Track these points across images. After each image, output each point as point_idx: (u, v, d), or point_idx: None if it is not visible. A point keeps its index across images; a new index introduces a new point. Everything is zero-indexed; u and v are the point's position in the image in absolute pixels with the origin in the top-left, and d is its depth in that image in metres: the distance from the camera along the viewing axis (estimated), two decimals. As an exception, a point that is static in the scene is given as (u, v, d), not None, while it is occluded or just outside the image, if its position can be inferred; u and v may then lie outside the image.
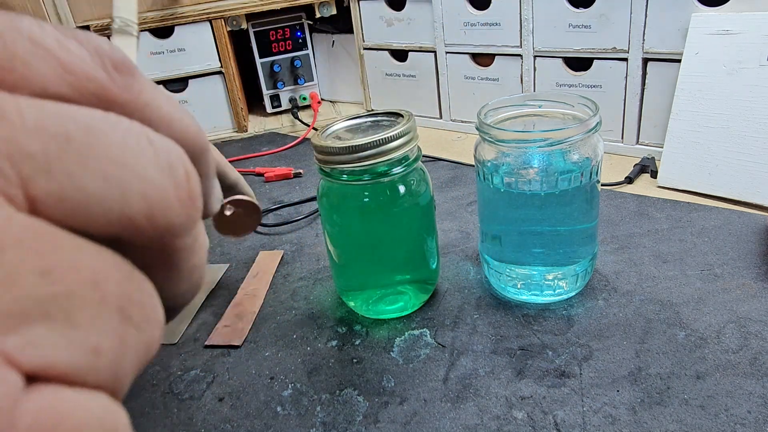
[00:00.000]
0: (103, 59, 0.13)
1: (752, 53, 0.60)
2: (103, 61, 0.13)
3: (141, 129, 0.13)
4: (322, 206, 0.46)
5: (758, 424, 0.35)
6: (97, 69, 0.13)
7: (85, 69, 0.12)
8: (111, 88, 0.13)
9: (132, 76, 0.13)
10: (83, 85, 0.12)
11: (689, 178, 0.64)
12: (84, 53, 0.12)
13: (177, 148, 0.13)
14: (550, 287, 0.47)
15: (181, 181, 0.13)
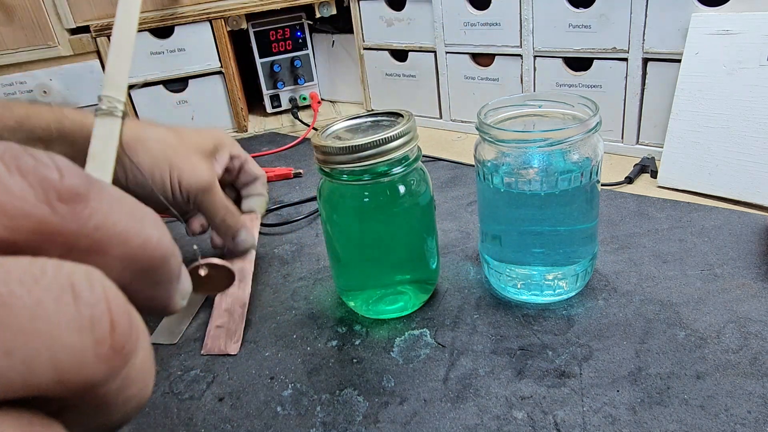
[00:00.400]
0: (47, 193, 0.13)
1: (752, 53, 0.60)
2: (47, 195, 0.13)
3: (66, 281, 0.12)
4: (322, 206, 0.46)
5: (758, 424, 0.35)
6: (38, 205, 0.12)
7: (24, 208, 0.12)
8: (51, 222, 0.13)
9: (82, 201, 0.13)
10: (20, 224, 0.12)
11: (689, 178, 0.64)
12: (26, 190, 0.12)
13: (108, 297, 0.13)
14: (550, 287, 0.47)
15: (103, 336, 0.12)
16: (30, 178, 0.13)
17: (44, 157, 0.13)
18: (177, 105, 0.99)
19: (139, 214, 0.15)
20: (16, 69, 0.89)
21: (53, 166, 0.13)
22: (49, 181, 0.13)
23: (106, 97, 0.23)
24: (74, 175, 0.13)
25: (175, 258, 0.16)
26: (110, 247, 0.14)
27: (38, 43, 0.88)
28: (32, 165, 0.13)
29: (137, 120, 0.48)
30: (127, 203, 0.15)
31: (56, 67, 0.91)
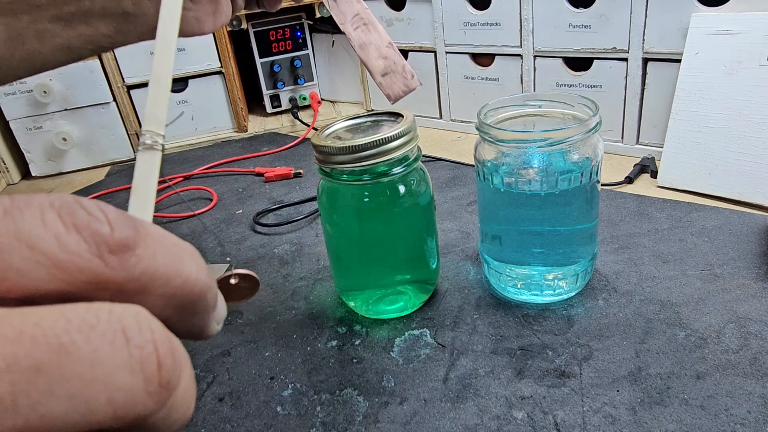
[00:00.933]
0: (99, 247, 0.14)
1: (752, 53, 0.60)
2: (99, 249, 0.14)
3: (118, 325, 0.13)
4: (322, 206, 0.46)
5: (758, 424, 0.35)
6: (92, 259, 0.14)
7: (79, 263, 0.14)
8: (104, 275, 0.14)
9: (130, 250, 0.14)
10: (75, 278, 0.14)
11: (689, 178, 0.64)
12: (81, 246, 0.14)
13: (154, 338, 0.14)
14: (550, 287, 0.47)
15: (152, 374, 0.14)
16: (84, 233, 0.14)
17: (96, 210, 0.14)
18: (177, 105, 0.99)
19: (179, 253, 0.16)
20: (16, 69, 0.89)
21: (104, 219, 0.14)
22: (101, 235, 0.14)
23: (147, 132, 0.24)
24: (123, 226, 0.15)
25: (212, 291, 0.18)
26: (154, 288, 0.15)
27: (38, 43, 0.88)
28: (86, 220, 0.14)
29: None
30: (169, 244, 0.16)
31: (56, 67, 0.90)
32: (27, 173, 0.98)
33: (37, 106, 0.92)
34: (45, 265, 0.13)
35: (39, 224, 0.13)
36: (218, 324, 0.19)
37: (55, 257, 0.13)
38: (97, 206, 0.15)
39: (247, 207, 0.74)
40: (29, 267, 0.13)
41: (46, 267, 0.13)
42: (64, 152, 0.96)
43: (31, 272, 0.13)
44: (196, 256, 0.17)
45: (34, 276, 0.13)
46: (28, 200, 0.14)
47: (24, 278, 0.13)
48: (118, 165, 0.99)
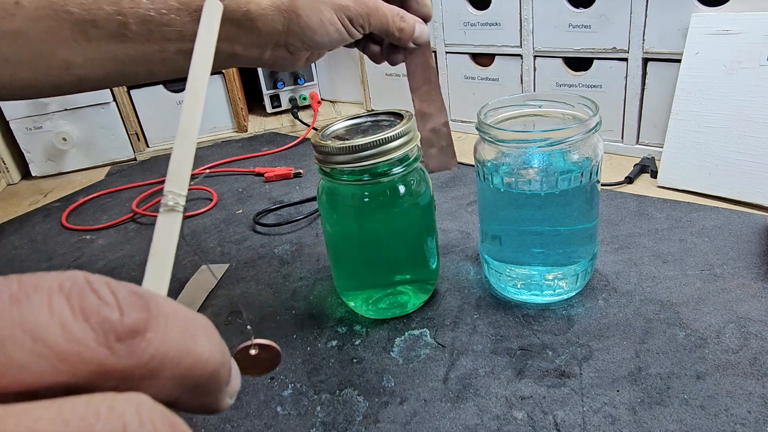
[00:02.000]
0: (107, 335, 0.13)
1: (752, 53, 0.60)
2: (107, 338, 0.13)
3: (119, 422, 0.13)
4: (321, 206, 0.46)
5: (758, 424, 0.35)
6: (98, 349, 0.13)
7: (84, 354, 0.13)
8: (109, 364, 0.13)
9: (139, 335, 0.14)
10: (79, 369, 0.13)
11: (689, 178, 0.64)
12: (88, 334, 0.13)
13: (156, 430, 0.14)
14: (550, 287, 0.47)
15: None
16: (92, 320, 0.13)
17: (107, 292, 0.14)
18: (177, 105, 0.99)
19: (192, 330, 0.15)
20: (16, 69, 0.89)
21: (114, 303, 0.14)
22: (110, 322, 0.13)
23: (170, 193, 0.23)
24: (133, 309, 0.14)
25: (225, 367, 0.17)
26: (163, 371, 0.14)
27: (38, 43, 0.88)
28: (96, 305, 0.13)
29: None
30: (181, 321, 0.15)
31: (56, 67, 0.90)
32: (27, 173, 0.98)
33: (37, 106, 0.92)
34: (48, 357, 0.13)
35: (45, 312, 0.13)
36: (231, 398, 0.18)
37: (59, 349, 0.13)
38: (108, 287, 0.14)
39: (247, 207, 0.74)
40: (32, 360, 0.12)
41: (49, 359, 0.13)
42: (64, 152, 0.96)
43: (34, 366, 0.12)
44: (210, 330, 0.16)
45: (36, 369, 0.12)
46: (37, 283, 0.13)
47: (25, 372, 0.12)
48: (117, 165, 0.99)
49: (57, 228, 0.75)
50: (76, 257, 0.66)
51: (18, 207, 0.85)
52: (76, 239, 0.71)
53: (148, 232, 0.70)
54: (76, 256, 0.66)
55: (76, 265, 0.64)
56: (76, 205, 0.81)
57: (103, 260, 0.65)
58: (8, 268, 0.66)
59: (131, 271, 0.62)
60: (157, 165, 0.95)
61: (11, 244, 0.72)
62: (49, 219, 0.78)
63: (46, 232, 0.74)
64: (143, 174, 0.91)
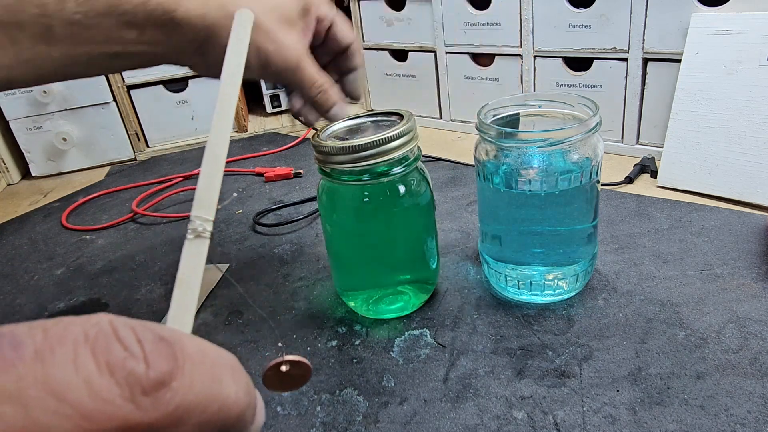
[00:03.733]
0: (133, 389, 0.13)
1: (752, 53, 0.60)
2: (132, 392, 0.13)
3: None
4: (322, 206, 0.46)
5: (758, 424, 0.35)
6: (123, 405, 0.13)
7: (109, 411, 0.13)
8: (134, 419, 0.13)
9: (165, 386, 0.14)
10: (103, 426, 0.13)
11: (689, 178, 0.64)
12: (113, 391, 0.13)
13: None
14: (550, 287, 0.47)
15: None
16: (118, 375, 0.13)
17: (133, 343, 0.14)
18: (177, 105, 0.99)
19: (219, 373, 0.15)
20: (16, 69, 0.89)
21: (141, 355, 0.14)
22: (136, 375, 0.13)
23: (197, 218, 0.23)
24: (160, 360, 0.14)
25: (250, 409, 0.17)
26: (189, 419, 0.14)
27: (38, 43, 0.88)
28: (121, 358, 0.13)
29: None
30: (208, 365, 0.15)
31: (56, 67, 0.90)
32: (27, 173, 0.98)
33: (37, 106, 0.92)
34: (72, 417, 0.12)
35: (71, 368, 0.13)
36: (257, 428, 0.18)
37: (84, 409, 0.12)
38: (134, 335, 0.14)
39: (247, 207, 0.74)
40: (55, 422, 0.12)
41: (74, 420, 0.12)
42: (64, 152, 0.96)
43: (57, 427, 0.12)
44: (237, 371, 0.16)
45: (59, 431, 0.12)
46: (62, 334, 0.13)
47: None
48: (117, 165, 0.99)
49: (57, 228, 0.75)
50: (76, 257, 0.66)
51: (18, 207, 0.85)
52: (76, 239, 0.71)
53: (148, 233, 0.70)
54: (76, 256, 0.66)
55: (76, 265, 0.64)
56: (76, 205, 0.81)
57: (103, 260, 0.65)
58: (8, 268, 0.66)
59: (131, 270, 0.62)
60: (157, 165, 0.95)
61: (11, 244, 0.72)
62: (49, 219, 0.78)
63: (46, 232, 0.74)
64: (143, 174, 0.91)
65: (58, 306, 0.57)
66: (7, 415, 0.12)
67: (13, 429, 0.12)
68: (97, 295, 0.58)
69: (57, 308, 0.56)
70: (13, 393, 0.12)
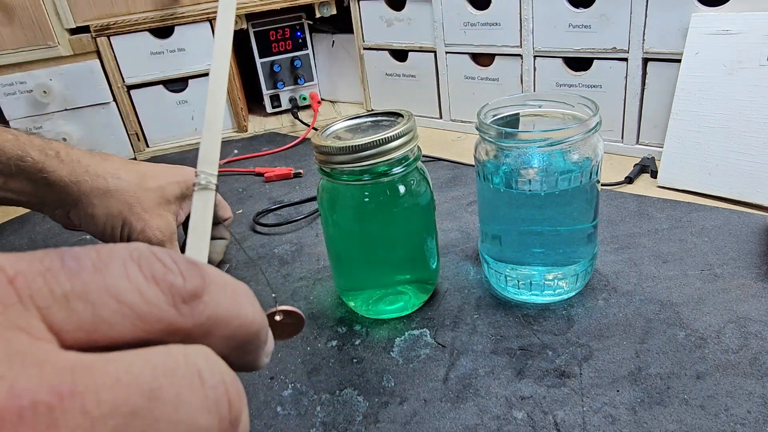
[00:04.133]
0: (174, 298, 0.15)
1: (752, 53, 0.60)
2: (174, 300, 0.15)
3: (194, 368, 0.15)
4: (322, 206, 0.46)
5: (758, 424, 0.35)
6: (168, 309, 0.15)
7: (157, 314, 0.15)
8: (177, 323, 0.15)
9: (198, 298, 0.16)
10: (154, 327, 0.15)
11: (689, 178, 0.64)
12: (160, 298, 0.15)
13: (224, 379, 0.16)
14: (550, 287, 0.47)
15: (224, 414, 0.15)
16: (162, 285, 0.15)
17: (170, 261, 0.16)
18: (177, 105, 0.99)
19: (238, 296, 0.17)
20: (16, 69, 0.89)
21: (177, 270, 0.16)
22: (176, 287, 0.15)
23: (201, 173, 0.26)
24: (193, 276, 0.16)
25: (264, 329, 0.19)
26: (217, 330, 0.16)
27: (38, 43, 0.88)
28: (163, 272, 0.15)
29: (106, 160, 0.51)
30: (229, 288, 0.17)
31: (56, 67, 0.90)
32: (27, 173, 0.98)
33: (37, 106, 0.92)
34: (130, 316, 0.14)
35: (124, 278, 0.15)
36: (267, 357, 0.21)
37: (139, 310, 0.15)
38: (170, 257, 0.16)
39: (247, 207, 0.74)
40: (118, 319, 0.14)
41: (131, 318, 0.14)
42: (64, 152, 0.96)
43: (119, 324, 0.14)
44: (252, 297, 0.18)
45: (120, 327, 0.14)
46: (111, 252, 0.15)
47: (113, 329, 0.14)
48: (118, 165, 0.99)
49: (57, 228, 0.75)
50: (76, 257, 0.66)
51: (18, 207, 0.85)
52: (76, 239, 0.71)
53: (148, 232, 0.70)
54: (76, 256, 0.66)
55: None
56: (76, 205, 0.81)
57: (103, 260, 0.65)
58: (8, 268, 0.66)
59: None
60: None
61: (11, 244, 0.72)
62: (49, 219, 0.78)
63: (46, 232, 0.74)
64: (143, 174, 0.91)
65: (58, 306, 0.57)
66: (79, 311, 0.14)
67: (85, 323, 0.14)
68: (97, 295, 0.58)
69: (57, 308, 0.56)
70: (81, 295, 0.14)
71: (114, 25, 0.90)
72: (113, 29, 0.90)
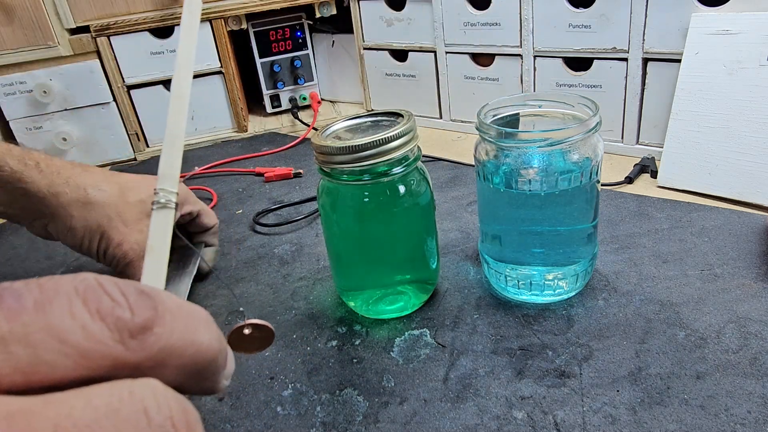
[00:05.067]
0: (122, 333, 0.15)
1: (752, 53, 0.60)
2: (121, 335, 0.15)
3: (140, 405, 0.14)
4: (322, 206, 0.46)
5: (758, 424, 0.35)
6: (114, 345, 0.15)
7: (103, 351, 0.15)
8: (124, 358, 0.15)
9: (149, 330, 0.15)
10: (99, 364, 0.15)
11: (689, 178, 0.64)
12: (105, 333, 0.15)
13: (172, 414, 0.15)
14: (550, 287, 0.47)
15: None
16: (108, 320, 0.15)
17: (118, 294, 0.15)
18: (177, 105, 0.99)
19: (194, 322, 0.17)
20: (16, 69, 0.89)
21: (126, 304, 0.15)
22: (124, 321, 0.15)
23: (161, 190, 0.25)
24: (143, 308, 0.16)
25: (222, 353, 0.19)
26: (170, 360, 0.16)
27: (38, 43, 0.88)
28: (110, 306, 0.15)
29: (87, 171, 0.51)
30: (184, 316, 0.17)
31: (56, 67, 0.90)
32: (27, 173, 0.98)
33: (37, 106, 0.92)
34: (73, 356, 0.14)
35: (68, 316, 0.14)
36: (227, 380, 0.20)
37: (82, 348, 0.14)
38: (118, 289, 0.16)
39: (247, 207, 0.74)
40: (59, 360, 0.14)
41: (74, 357, 0.14)
42: (64, 152, 0.96)
43: (61, 364, 0.14)
44: (209, 322, 0.18)
45: (62, 367, 0.14)
46: (55, 287, 0.15)
47: (54, 370, 0.14)
48: (117, 165, 0.99)
49: (57, 228, 0.75)
50: (76, 257, 0.66)
51: None
52: (76, 239, 0.71)
53: (148, 232, 0.70)
54: (77, 256, 0.66)
55: (76, 265, 0.64)
56: (76, 205, 0.81)
57: (103, 260, 0.65)
58: (8, 268, 0.66)
59: (131, 271, 0.62)
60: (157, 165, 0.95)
61: (11, 244, 0.72)
62: (49, 219, 0.78)
63: (46, 232, 0.74)
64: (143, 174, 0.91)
65: (58, 306, 0.57)
66: (19, 354, 0.13)
67: (24, 366, 0.13)
68: (97, 295, 0.58)
69: (57, 308, 0.56)
70: (21, 337, 0.14)
71: (114, 25, 0.90)
72: (113, 29, 0.90)
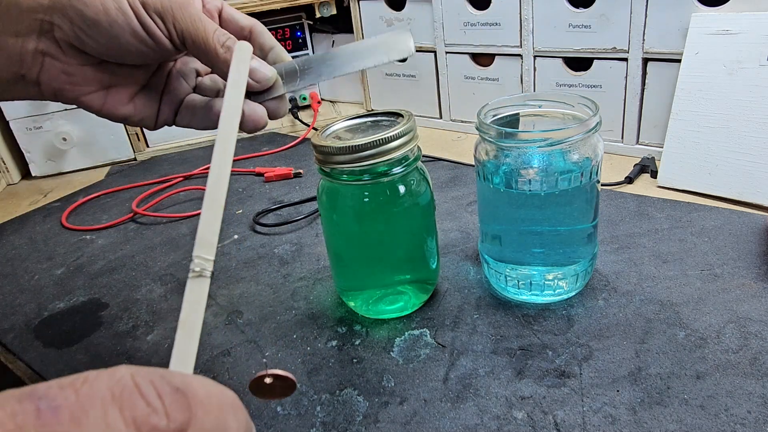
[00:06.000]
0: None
1: (752, 53, 0.60)
2: None
3: None
4: (321, 206, 0.46)
5: (758, 424, 0.35)
6: None
7: None
8: None
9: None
10: None
11: (689, 178, 0.64)
12: None
13: None
14: (550, 287, 0.47)
15: None
16: (144, 430, 0.15)
17: (154, 398, 0.16)
18: (177, 105, 0.99)
19: (223, 415, 0.17)
20: (16, 69, 0.89)
21: (162, 409, 0.16)
22: (159, 430, 0.15)
23: (198, 258, 0.23)
24: (179, 412, 0.16)
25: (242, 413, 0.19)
26: None
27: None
28: (145, 414, 0.15)
29: None
30: (215, 408, 0.17)
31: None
32: (27, 173, 0.98)
33: (37, 106, 0.92)
34: None
35: (102, 427, 0.15)
36: None
37: None
38: (154, 391, 0.16)
39: (247, 207, 0.74)
40: None
41: None
42: (64, 152, 0.96)
43: None
44: (238, 409, 0.18)
45: None
46: (91, 393, 0.15)
47: None
48: (117, 165, 0.99)
49: (57, 228, 0.75)
50: (76, 257, 0.66)
51: (18, 207, 0.85)
52: (76, 239, 0.71)
53: (148, 232, 0.70)
54: (76, 256, 0.66)
55: (75, 265, 0.64)
56: (76, 205, 0.81)
57: (103, 260, 0.65)
58: (8, 268, 0.66)
59: (131, 270, 0.62)
60: (157, 165, 0.95)
61: (11, 244, 0.72)
62: (49, 219, 0.78)
63: (46, 232, 0.74)
64: (143, 174, 0.91)
65: (58, 306, 0.57)
66: None
67: None
68: (97, 295, 0.58)
69: (57, 308, 0.56)
70: None
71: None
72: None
